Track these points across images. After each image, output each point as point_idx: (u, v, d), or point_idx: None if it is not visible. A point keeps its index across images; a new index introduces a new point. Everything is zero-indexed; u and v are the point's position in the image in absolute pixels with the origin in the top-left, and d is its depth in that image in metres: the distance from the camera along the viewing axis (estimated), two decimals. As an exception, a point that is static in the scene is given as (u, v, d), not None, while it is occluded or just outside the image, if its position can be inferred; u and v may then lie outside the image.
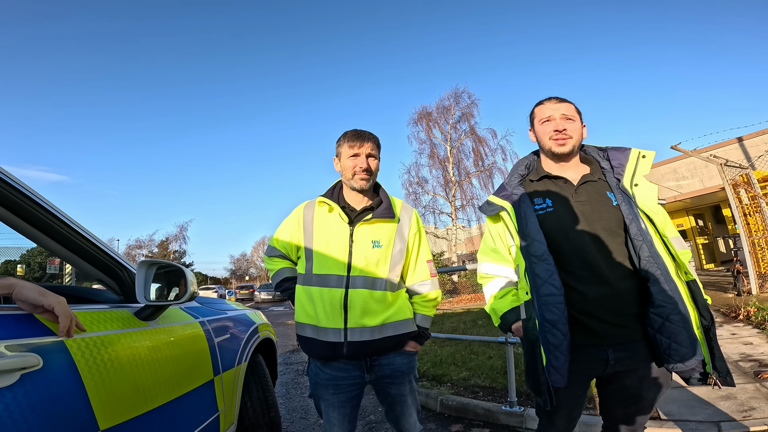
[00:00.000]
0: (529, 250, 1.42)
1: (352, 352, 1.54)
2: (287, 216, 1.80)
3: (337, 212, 1.64)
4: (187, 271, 1.51)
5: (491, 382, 3.74)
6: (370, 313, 1.55)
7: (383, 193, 1.75)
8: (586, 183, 1.50)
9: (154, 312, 1.48)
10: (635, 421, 1.50)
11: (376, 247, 1.61)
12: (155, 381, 1.38)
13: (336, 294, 1.55)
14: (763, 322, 4.89)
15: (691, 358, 1.28)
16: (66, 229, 1.36)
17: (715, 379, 1.30)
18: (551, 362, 1.32)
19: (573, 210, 1.46)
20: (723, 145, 11.42)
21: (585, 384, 1.48)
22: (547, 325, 1.33)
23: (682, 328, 1.28)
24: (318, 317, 1.57)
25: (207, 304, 2.13)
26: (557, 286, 1.35)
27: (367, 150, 1.64)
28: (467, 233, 25.73)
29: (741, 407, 2.68)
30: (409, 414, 1.67)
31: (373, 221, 1.63)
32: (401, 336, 1.61)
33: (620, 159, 1.51)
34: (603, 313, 1.37)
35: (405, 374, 1.65)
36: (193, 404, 1.61)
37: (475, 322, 7.65)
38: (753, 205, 8.71)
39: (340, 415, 1.61)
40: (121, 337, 1.29)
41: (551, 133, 1.49)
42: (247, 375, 2.28)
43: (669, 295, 1.30)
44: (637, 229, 1.38)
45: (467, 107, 23.66)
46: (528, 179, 1.60)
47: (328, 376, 1.60)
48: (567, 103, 1.52)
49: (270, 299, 26.63)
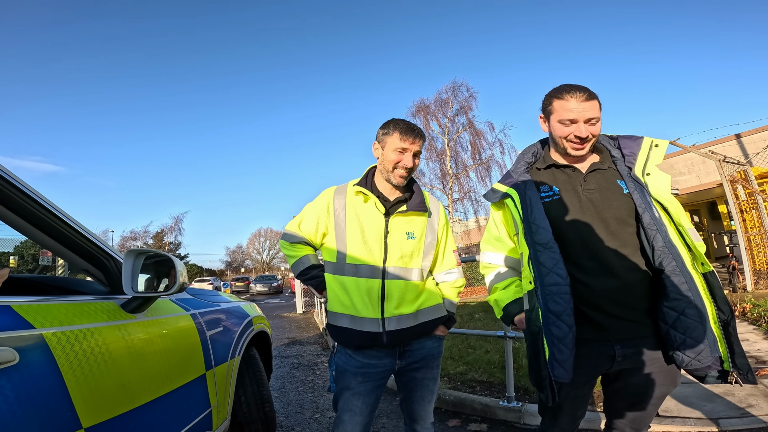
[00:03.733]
0: (533, 238, 1.36)
1: (390, 340, 1.54)
2: (312, 201, 1.73)
3: (373, 202, 1.62)
4: (177, 261, 1.44)
5: (489, 377, 3.72)
6: (405, 303, 1.57)
7: (416, 186, 1.72)
8: (596, 171, 1.44)
9: (141, 304, 1.41)
10: (640, 420, 1.45)
11: (411, 239, 1.62)
12: (143, 376, 1.32)
13: (373, 285, 1.55)
14: (759, 318, 4.90)
15: (708, 355, 1.22)
16: (49, 216, 1.29)
17: (735, 376, 1.24)
18: (554, 356, 1.27)
19: (581, 198, 1.40)
20: (721, 142, 11.43)
21: (591, 381, 1.43)
22: (551, 317, 1.28)
23: (698, 323, 1.22)
24: (354, 307, 1.55)
25: (199, 296, 2.07)
26: (562, 275, 1.29)
27: (416, 147, 1.60)
28: (464, 226, 25.75)
29: (739, 404, 2.67)
30: (428, 401, 1.68)
31: (408, 213, 1.63)
32: (434, 321, 1.64)
33: (632, 147, 1.45)
34: (610, 307, 1.31)
35: (435, 357, 1.67)
36: (184, 400, 1.56)
37: (473, 315, 7.64)
38: (750, 201, 8.73)
39: (363, 404, 1.59)
40: (106, 330, 1.23)
41: (572, 137, 1.38)
42: (241, 369, 2.23)
43: (685, 288, 1.24)
44: (650, 218, 1.31)
45: (465, 100, 23.51)
46: (535, 167, 1.54)
47: (359, 363, 1.58)
48: (593, 102, 1.36)
49: (266, 291, 26.56)
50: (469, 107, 23.42)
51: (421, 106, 24.04)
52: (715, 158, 8.20)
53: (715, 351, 1.23)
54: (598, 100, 1.39)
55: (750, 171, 8.69)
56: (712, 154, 8.25)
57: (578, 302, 1.32)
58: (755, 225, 8.75)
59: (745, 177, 8.69)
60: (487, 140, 23.23)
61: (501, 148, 23.02)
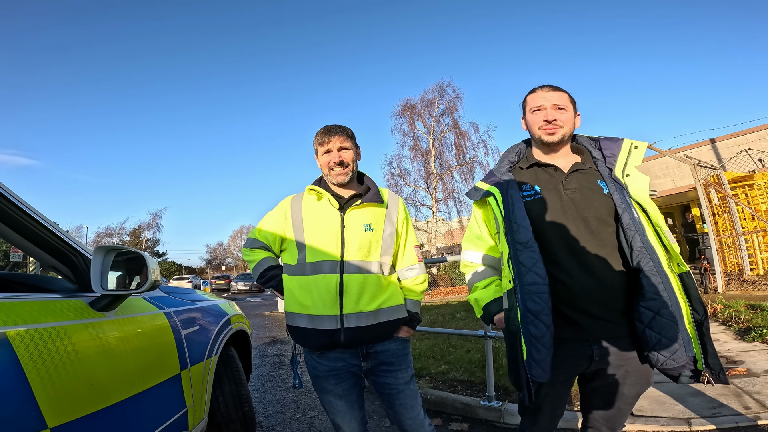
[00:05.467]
0: (513, 237, 1.37)
1: (349, 338, 1.52)
2: (272, 208, 1.77)
3: (326, 199, 1.64)
4: (150, 258, 1.40)
5: (470, 376, 3.74)
6: (365, 298, 1.54)
7: (369, 180, 1.74)
8: (577, 171, 1.46)
9: (111, 302, 1.36)
10: (615, 418, 1.47)
11: (368, 231, 1.60)
12: (113, 376, 1.28)
13: (331, 280, 1.53)
14: (730, 319, 5.05)
15: (683, 354, 1.25)
16: (14, 211, 1.23)
17: (708, 376, 1.27)
18: (532, 355, 1.28)
19: (562, 197, 1.41)
20: (696, 146, 11.81)
21: (569, 380, 1.44)
22: (530, 316, 1.28)
23: (673, 323, 1.24)
24: (314, 306, 1.54)
25: (174, 294, 2.02)
26: (541, 275, 1.30)
27: (338, 144, 1.61)
28: (447, 226, 25.94)
29: (710, 404, 2.72)
30: (409, 406, 1.60)
31: (363, 206, 1.62)
32: (395, 321, 1.61)
33: (612, 149, 1.47)
34: (589, 306, 1.33)
35: (400, 359, 1.62)
36: (157, 400, 1.52)
37: (454, 315, 7.68)
38: (722, 205, 9.04)
39: (347, 404, 1.60)
40: (73, 329, 1.18)
41: (541, 122, 1.45)
42: (218, 369, 2.19)
43: (661, 288, 1.26)
44: (629, 218, 1.33)
45: (451, 101, 23.67)
46: (518, 167, 1.55)
47: (327, 367, 1.58)
48: (559, 92, 1.47)
49: (247, 290, 26.17)
50: (454, 108, 23.62)
51: (407, 106, 24.11)
52: (689, 162, 8.45)
53: (689, 350, 1.25)
54: (569, 95, 1.49)
55: (723, 175, 9.00)
56: (686, 159, 8.50)
57: (558, 302, 1.33)
58: (727, 228, 9.06)
59: (718, 181, 8.99)
60: (472, 141, 23.47)
61: (485, 149, 23.30)
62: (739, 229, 8.87)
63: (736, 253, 9.25)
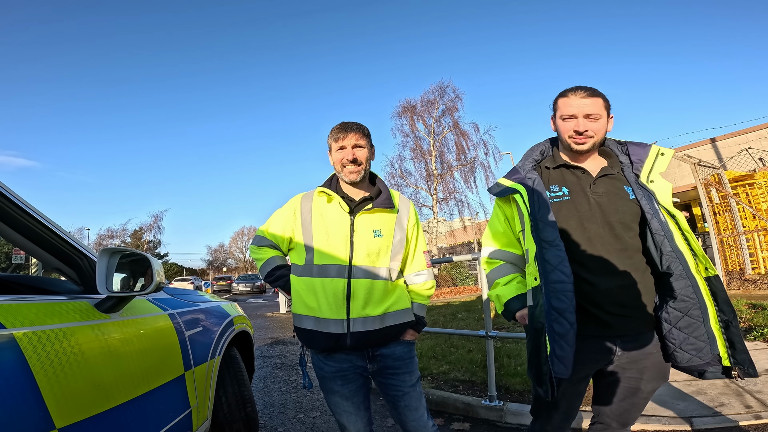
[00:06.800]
0: (540, 235, 1.38)
1: (355, 342, 1.52)
2: (281, 206, 1.75)
3: (336, 202, 1.62)
4: (154, 260, 1.41)
5: (471, 376, 3.75)
6: (372, 303, 1.54)
7: (381, 183, 1.72)
8: (606, 176, 1.47)
9: (116, 303, 1.38)
10: (629, 413, 1.49)
11: (378, 237, 1.59)
12: (118, 377, 1.30)
13: (338, 284, 1.53)
14: (731, 317, 5.06)
15: (708, 353, 1.29)
16: (19, 213, 1.24)
17: (737, 371, 1.31)
18: (555, 352, 1.29)
19: (589, 200, 1.43)
20: (696, 146, 11.80)
21: (588, 377, 1.47)
22: (554, 314, 1.30)
23: (700, 323, 1.29)
24: (320, 309, 1.53)
25: (178, 296, 2.03)
26: (567, 273, 1.32)
27: (353, 141, 1.60)
28: (448, 226, 25.94)
29: (712, 402, 2.73)
30: (414, 408, 1.60)
31: (374, 211, 1.61)
32: (401, 325, 1.60)
33: (640, 155, 1.48)
34: (612, 306, 1.36)
35: (406, 362, 1.62)
36: (161, 400, 1.53)
37: (455, 315, 7.68)
38: (723, 204, 9.03)
39: (353, 405, 1.60)
40: (79, 330, 1.19)
41: (571, 132, 1.44)
42: (221, 369, 2.20)
43: (690, 291, 1.30)
44: (658, 223, 1.36)
45: (451, 101, 23.69)
46: (543, 166, 1.56)
47: (333, 368, 1.58)
48: (594, 99, 1.43)
49: (248, 291, 26.19)
50: (455, 108, 23.63)
51: (408, 106, 24.13)
52: (690, 162, 8.44)
53: (714, 349, 1.30)
54: (604, 99, 1.45)
55: (724, 174, 8.99)
56: (687, 158, 8.49)
57: (583, 300, 1.36)
58: (728, 227, 9.06)
59: (719, 180, 8.98)
60: (472, 141, 23.48)
61: (485, 149, 23.31)
62: (740, 228, 8.87)
63: (737, 252, 9.25)
